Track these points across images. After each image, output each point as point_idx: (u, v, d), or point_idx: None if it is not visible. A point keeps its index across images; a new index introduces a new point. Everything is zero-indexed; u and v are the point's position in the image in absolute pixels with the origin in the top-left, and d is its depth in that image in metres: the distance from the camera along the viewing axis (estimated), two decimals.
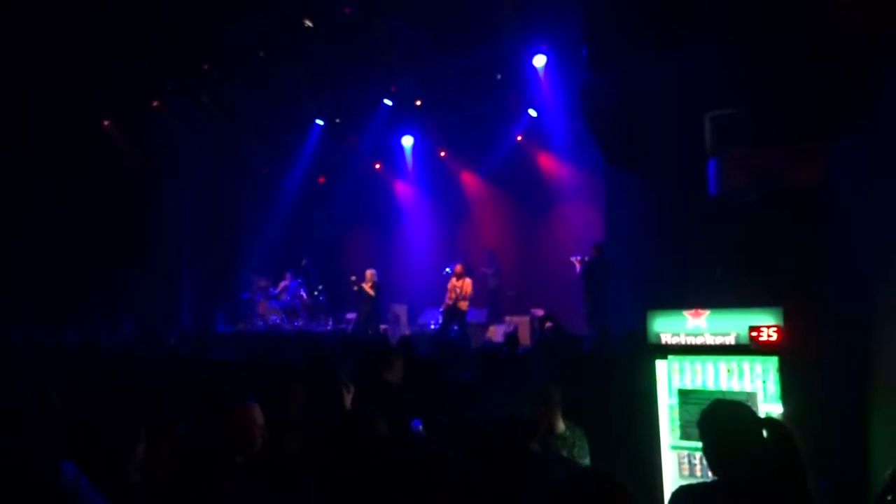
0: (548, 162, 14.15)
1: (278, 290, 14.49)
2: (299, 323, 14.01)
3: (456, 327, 11.34)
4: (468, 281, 11.70)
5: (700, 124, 5.82)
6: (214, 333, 12.02)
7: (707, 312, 3.98)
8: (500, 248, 14.27)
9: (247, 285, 14.56)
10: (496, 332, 11.40)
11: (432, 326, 12.50)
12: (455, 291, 11.65)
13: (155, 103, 13.59)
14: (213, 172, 14.68)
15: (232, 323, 14.20)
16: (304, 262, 14.43)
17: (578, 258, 10.91)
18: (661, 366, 4.02)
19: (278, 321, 14.03)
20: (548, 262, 13.25)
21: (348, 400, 4.13)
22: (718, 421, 2.70)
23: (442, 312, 11.93)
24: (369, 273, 12.59)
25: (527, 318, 11.68)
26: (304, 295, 14.37)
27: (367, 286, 12.37)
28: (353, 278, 12.63)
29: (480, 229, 14.95)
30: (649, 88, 6.64)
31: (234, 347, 8.58)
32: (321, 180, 15.96)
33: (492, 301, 13.44)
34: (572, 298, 11.22)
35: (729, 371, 3.83)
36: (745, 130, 5.52)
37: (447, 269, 12.42)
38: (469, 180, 15.39)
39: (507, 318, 12.05)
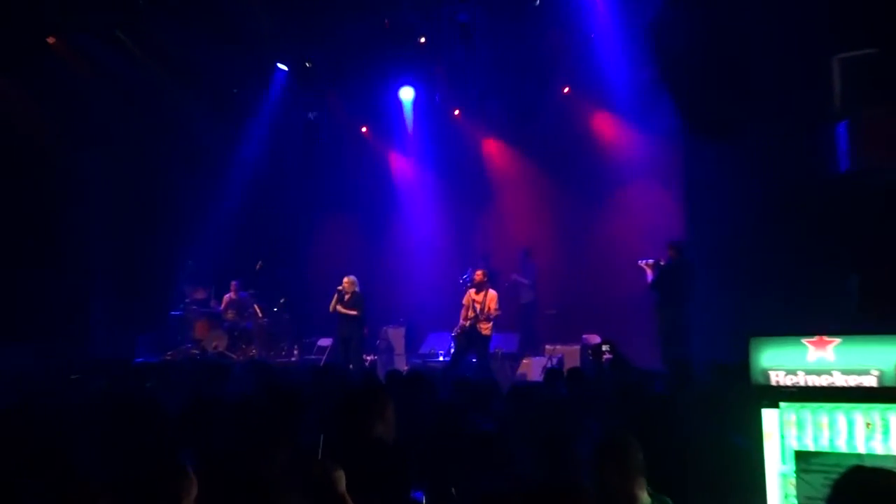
0: (606, 126, 14.01)
1: (223, 305, 14.37)
2: (253, 351, 13.97)
3: (475, 359, 11.41)
4: (492, 294, 11.61)
5: (824, 72, 5.74)
6: (136, 364, 12.03)
7: (837, 341, 3.91)
8: (538, 249, 14.07)
9: (179, 298, 14.51)
10: (532, 367, 11.54)
11: (441, 358, 12.43)
12: (473, 309, 11.56)
13: (50, 40, 13.37)
14: (136, 139, 14.56)
15: (159, 350, 14.14)
16: (258, 265, 14.30)
17: (649, 262, 10.90)
18: (770, 416, 3.93)
19: (222, 349, 13.90)
20: (605, 269, 13.15)
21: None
22: (860, 498, 2.63)
23: (454, 338, 11.86)
24: (347, 281, 12.35)
25: (576, 347, 11.70)
26: (259, 312, 14.18)
27: (341, 306, 12.22)
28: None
29: (509, 221, 14.75)
30: (749, 21, 6.67)
31: (163, 384, 8.72)
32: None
33: (526, 323, 13.40)
34: (640, 319, 11.30)
35: (869, 426, 3.73)
36: (889, 81, 5.41)
37: (463, 277, 12.35)
38: (494, 151, 15.10)
39: (548, 348, 12.09)
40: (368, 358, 12.88)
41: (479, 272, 11.79)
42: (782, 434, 3.90)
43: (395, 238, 15.87)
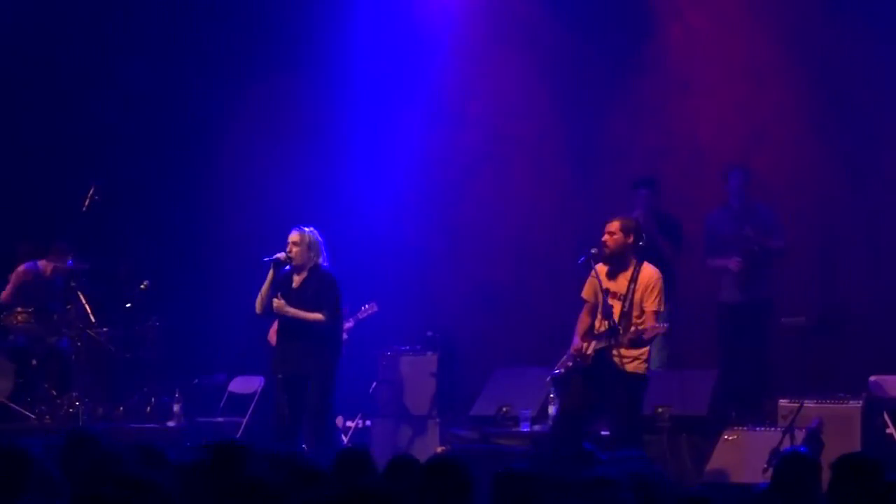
0: None
1: (7, 293, 9.97)
2: (76, 405, 9.75)
3: (605, 432, 8.20)
4: (649, 275, 7.69)
5: None
6: None
7: None
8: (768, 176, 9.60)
9: None
10: (747, 451, 8.36)
11: (524, 428, 9.00)
12: (607, 312, 7.81)
13: None
14: None
15: None
16: (89, 197, 10.05)
17: None
18: None
19: (3, 398, 9.60)
20: None
21: None
22: None
23: (557, 382, 8.37)
24: (296, 239, 8.37)
25: (854, 406, 8.83)
26: (90, 311, 9.76)
27: (279, 301, 8.29)
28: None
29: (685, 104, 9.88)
30: None
31: None
32: None
33: (737, 346, 9.48)
34: None
35: None
36: None
37: (590, 253, 8.11)
38: None
39: (785, 404, 8.76)
40: (350, 424, 9.25)
41: (615, 221, 7.57)
42: None
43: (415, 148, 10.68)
